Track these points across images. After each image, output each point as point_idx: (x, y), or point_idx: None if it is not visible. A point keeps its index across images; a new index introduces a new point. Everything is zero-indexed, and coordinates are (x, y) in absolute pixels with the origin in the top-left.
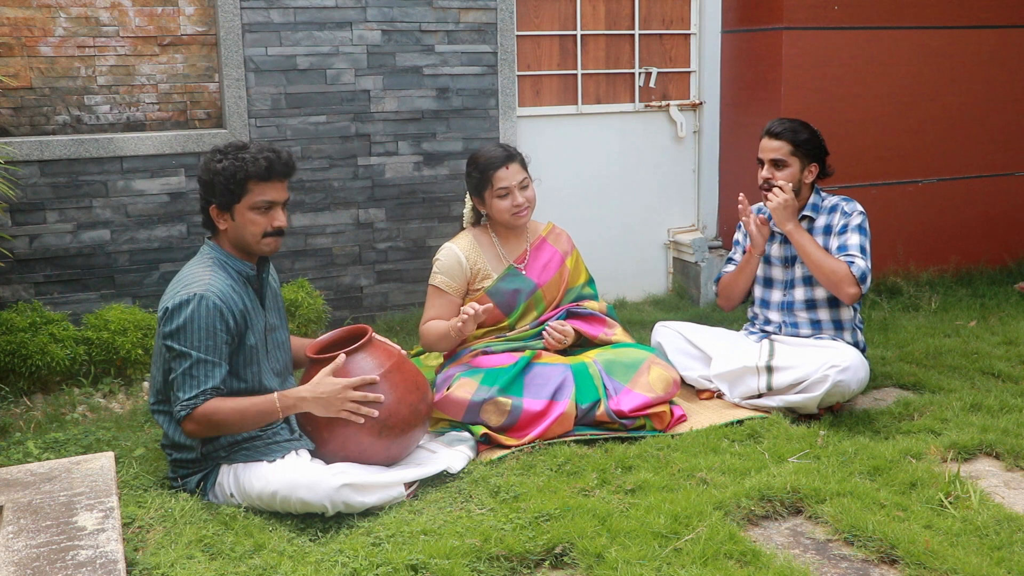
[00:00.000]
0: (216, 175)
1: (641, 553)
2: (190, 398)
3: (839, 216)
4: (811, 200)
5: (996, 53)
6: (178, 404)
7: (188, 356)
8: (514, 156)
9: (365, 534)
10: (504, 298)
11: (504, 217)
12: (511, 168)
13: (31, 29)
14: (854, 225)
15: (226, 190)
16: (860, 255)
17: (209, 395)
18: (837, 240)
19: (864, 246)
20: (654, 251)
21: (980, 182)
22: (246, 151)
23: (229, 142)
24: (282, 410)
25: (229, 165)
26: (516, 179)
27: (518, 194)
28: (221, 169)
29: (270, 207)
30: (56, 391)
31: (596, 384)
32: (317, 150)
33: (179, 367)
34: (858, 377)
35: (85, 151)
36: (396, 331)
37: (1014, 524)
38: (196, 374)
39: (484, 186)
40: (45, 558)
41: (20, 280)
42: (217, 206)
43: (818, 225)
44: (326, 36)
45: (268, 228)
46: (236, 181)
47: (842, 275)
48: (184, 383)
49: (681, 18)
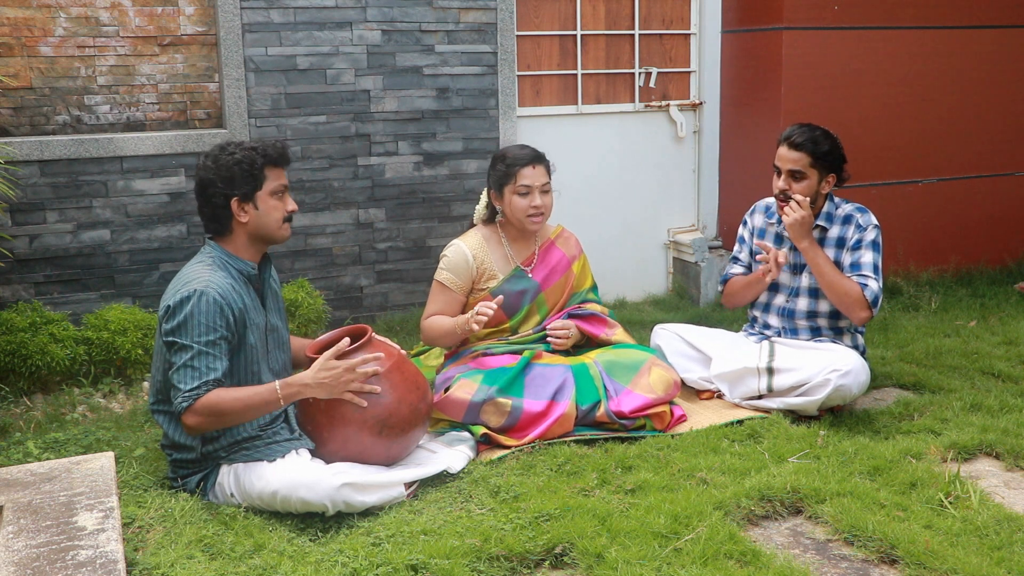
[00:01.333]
0: (236, 164)
1: (641, 553)
2: (191, 389)
3: (853, 229)
4: (825, 209)
5: (996, 53)
6: (179, 396)
7: (189, 348)
8: (542, 159)
9: (365, 534)
10: (509, 299)
11: (519, 217)
12: (537, 169)
13: (31, 29)
14: (869, 241)
15: (249, 177)
16: (873, 275)
17: (211, 386)
18: (851, 256)
19: (878, 264)
20: (654, 251)
21: (980, 182)
22: (245, 143)
23: (220, 143)
24: (284, 398)
25: (244, 155)
26: (539, 181)
27: (538, 196)
28: (239, 159)
29: (284, 192)
30: (56, 391)
31: (596, 385)
32: (317, 150)
33: (179, 359)
34: (859, 381)
35: (85, 151)
36: (396, 331)
37: (1014, 524)
38: (198, 365)
39: (507, 180)
40: (45, 558)
41: (20, 280)
42: (240, 198)
43: (831, 235)
44: (326, 36)
45: (285, 213)
46: (257, 167)
47: (855, 298)
48: (185, 375)
49: (681, 18)
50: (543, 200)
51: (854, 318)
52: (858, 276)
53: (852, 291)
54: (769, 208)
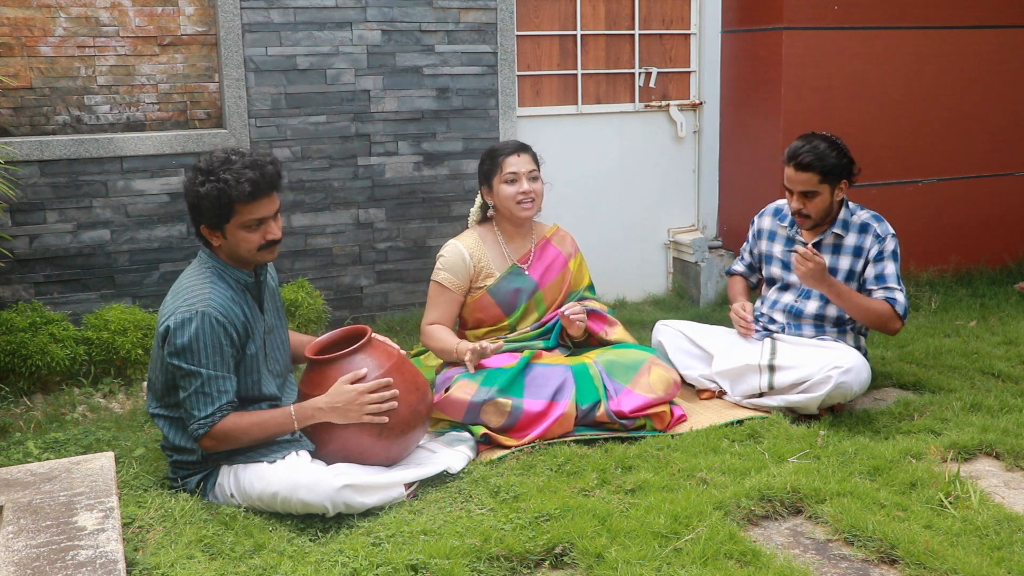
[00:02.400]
0: (201, 199)
1: (641, 553)
2: (206, 416)
3: (871, 240)
4: (841, 216)
5: (996, 53)
6: (194, 423)
7: (199, 375)
8: (527, 148)
9: (365, 534)
10: (506, 297)
11: (509, 205)
12: (523, 157)
13: (31, 29)
14: (890, 252)
15: (213, 213)
16: (898, 286)
17: (226, 411)
18: (873, 268)
19: (899, 274)
20: (654, 251)
21: (980, 182)
22: (229, 170)
23: (211, 159)
24: (298, 421)
25: (212, 189)
26: (526, 168)
27: (525, 182)
28: (205, 193)
29: (261, 223)
30: (56, 391)
31: (596, 385)
32: (317, 150)
33: (190, 386)
34: (860, 379)
35: (85, 151)
36: (396, 331)
37: (1014, 524)
38: (209, 391)
39: (493, 172)
40: (45, 558)
41: (20, 280)
42: (207, 226)
43: (848, 243)
44: (326, 36)
45: (262, 242)
46: (222, 205)
47: (887, 316)
48: (198, 402)
49: (681, 18)
50: (531, 186)
51: (888, 332)
52: (884, 289)
53: (882, 311)
54: (780, 211)
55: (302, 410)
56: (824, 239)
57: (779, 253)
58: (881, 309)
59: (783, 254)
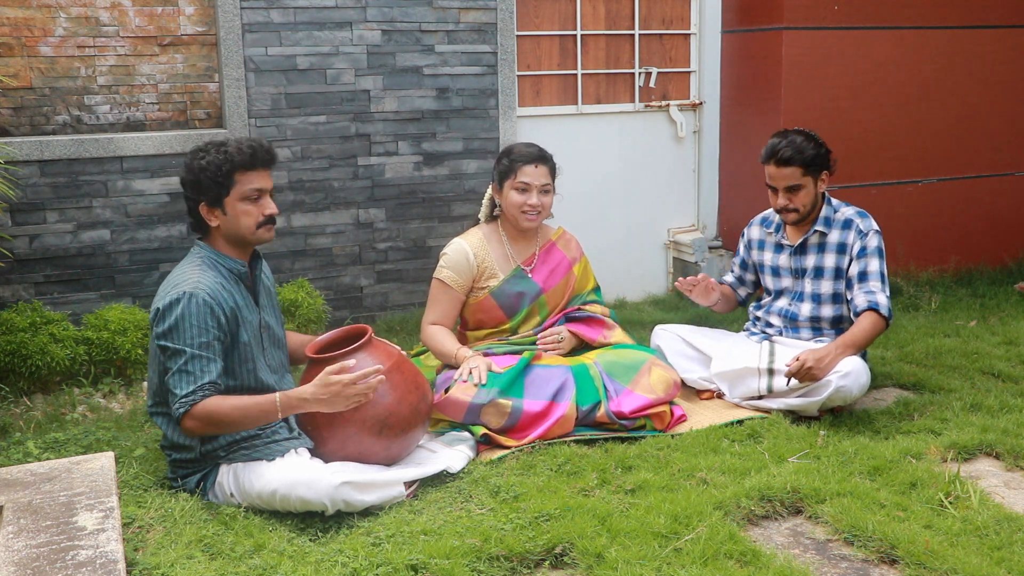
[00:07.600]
0: (202, 171)
1: (641, 553)
2: (187, 394)
3: (854, 235)
4: (823, 213)
5: (996, 53)
6: (176, 401)
7: (183, 353)
8: (547, 160)
9: (365, 534)
10: (508, 300)
11: (513, 212)
12: (539, 168)
13: (31, 29)
14: (873, 248)
15: (214, 183)
16: (880, 285)
17: (207, 390)
18: (856, 266)
19: (883, 271)
20: (654, 251)
21: (980, 182)
22: (226, 145)
23: (207, 141)
24: (282, 410)
25: (214, 159)
26: (540, 180)
27: (535, 195)
28: (207, 164)
29: (259, 195)
30: (56, 391)
31: (597, 385)
32: (317, 150)
33: (174, 364)
34: (860, 382)
35: (85, 151)
36: (396, 331)
37: (1014, 524)
38: (192, 370)
39: (508, 175)
40: (45, 558)
41: (20, 280)
42: (207, 203)
43: (831, 240)
44: (326, 36)
45: (260, 217)
46: (223, 173)
47: (878, 328)
48: (180, 380)
49: (681, 18)
50: (540, 199)
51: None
52: (865, 293)
53: (874, 329)
54: (766, 219)
55: (287, 399)
56: (809, 238)
57: (769, 260)
58: (872, 328)
59: (773, 261)
